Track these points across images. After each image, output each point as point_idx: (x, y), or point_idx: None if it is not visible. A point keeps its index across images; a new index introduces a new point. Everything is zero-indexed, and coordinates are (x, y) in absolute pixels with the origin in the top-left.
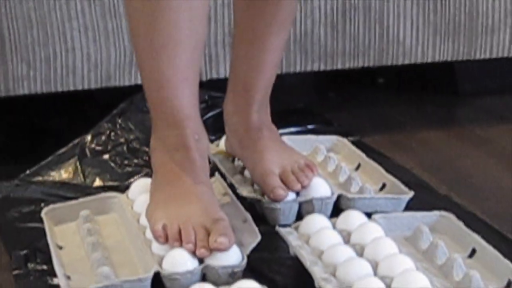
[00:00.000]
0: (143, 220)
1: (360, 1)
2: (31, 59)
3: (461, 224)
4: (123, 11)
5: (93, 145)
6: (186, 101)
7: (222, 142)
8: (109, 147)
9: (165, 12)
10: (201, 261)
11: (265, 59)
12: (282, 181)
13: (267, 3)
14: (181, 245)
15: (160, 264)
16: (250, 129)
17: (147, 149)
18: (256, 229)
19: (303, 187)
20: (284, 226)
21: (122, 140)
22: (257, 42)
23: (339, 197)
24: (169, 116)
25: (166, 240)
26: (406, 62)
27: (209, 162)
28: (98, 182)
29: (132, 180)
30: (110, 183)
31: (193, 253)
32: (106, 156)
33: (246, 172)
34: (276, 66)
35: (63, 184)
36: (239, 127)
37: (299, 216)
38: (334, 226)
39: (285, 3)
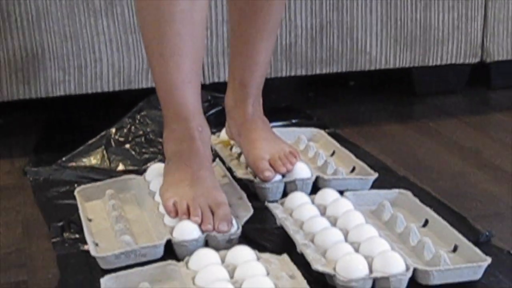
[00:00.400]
0: (158, 198)
1: (334, 18)
2: (66, 67)
3: (416, 199)
4: None
5: (117, 137)
6: (191, 100)
7: (222, 134)
8: (130, 138)
9: (171, 25)
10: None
11: (258, 60)
12: (271, 165)
13: (258, 15)
14: (188, 218)
15: (171, 234)
16: (246, 120)
17: (161, 140)
18: (250, 205)
19: (288, 170)
20: (272, 202)
21: (140, 132)
22: (251, 47)
23: (317, 178)
24: (177, 113)
25: (176, 214)
26: (372, 68)
27: (211, 150)
28: (121, 167)
29: (148, 165)
30: (131, 168)
31: (199, 225)
32: (127, 146)
33: (242, 159)
34: (267, 66)
35: (92, 168)
36: (237, 117)
37: (285, 194)
38: (312, 202)
39: (273, 14)
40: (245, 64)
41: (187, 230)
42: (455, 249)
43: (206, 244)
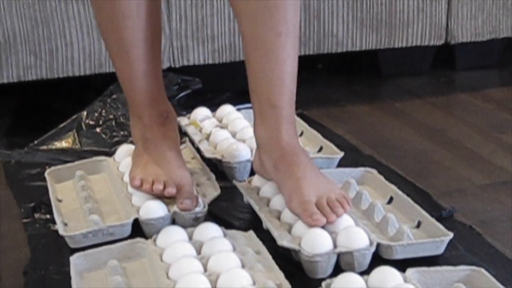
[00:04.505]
0: (126, 178)
1: (301, 2)
2: (38, 51)
3: (381, 177)
4: None
5: (88, 120)
6: (153, 88)
7: (193, 115)
8: (100, 122)
9: (127, 19)
10: (170, 210)
11: (283, 70)
12: (319, 209)
13: (273, 15)
14: (152, 189)
15: (138, 213)
16: (285, 151)
17: None
18: (217, 185)
19: (338, 216)
20: (240, 181)
21: (111, 116)
22: (271, 54)
23: None
24: (141, 101)
25: (141, 187)
26: (339, 50)
27: (181, 132)
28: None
29: (117, 146)
30: (101, 149)
31: (162, 196)
32: (98, 129)
33: (211, 139)
34: (295, 76)
35: (63, 151)
36: (273, 150)
37: (252, 173)
38: None
39: (290, 11)
40: (269, 78)
41: (153, 209)
42: (418, 225)
43: (173, 222)
